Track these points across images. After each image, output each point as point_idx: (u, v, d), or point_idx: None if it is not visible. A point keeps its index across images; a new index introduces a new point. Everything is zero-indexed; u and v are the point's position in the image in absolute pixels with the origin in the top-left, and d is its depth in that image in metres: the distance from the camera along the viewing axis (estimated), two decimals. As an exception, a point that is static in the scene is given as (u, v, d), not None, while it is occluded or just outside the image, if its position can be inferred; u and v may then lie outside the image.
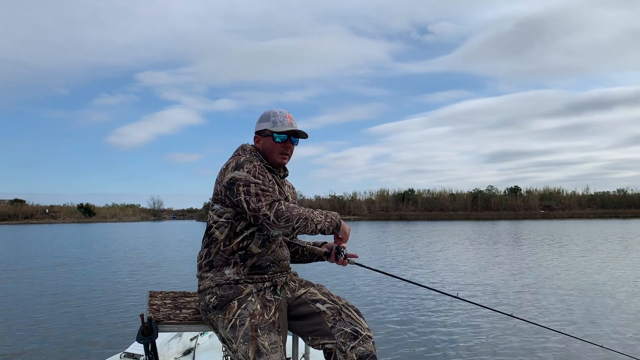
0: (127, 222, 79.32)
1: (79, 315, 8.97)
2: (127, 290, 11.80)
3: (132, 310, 9.11)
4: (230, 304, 2.30)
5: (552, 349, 6.28)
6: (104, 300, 10.49)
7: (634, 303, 9.21)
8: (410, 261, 17.00)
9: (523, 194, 76.82)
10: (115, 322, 8.28)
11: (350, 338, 2.30)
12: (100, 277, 14.24)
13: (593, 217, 65.75)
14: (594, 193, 76.03)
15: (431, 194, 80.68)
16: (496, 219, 64.28)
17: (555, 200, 75.03)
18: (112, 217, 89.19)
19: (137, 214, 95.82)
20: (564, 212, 70.10)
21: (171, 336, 4.01)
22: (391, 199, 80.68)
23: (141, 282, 13.16)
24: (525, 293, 10.37)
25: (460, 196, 78.29)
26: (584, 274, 12.99)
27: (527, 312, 8.13)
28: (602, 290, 10.54)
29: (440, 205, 76.94)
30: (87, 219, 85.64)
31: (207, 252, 2.41)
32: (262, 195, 2.24)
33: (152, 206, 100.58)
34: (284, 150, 2.48)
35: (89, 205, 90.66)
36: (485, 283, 11.43)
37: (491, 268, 14.67)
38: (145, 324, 2.37)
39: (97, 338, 7.30)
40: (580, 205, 73.54)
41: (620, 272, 13.24)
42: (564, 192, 77.31)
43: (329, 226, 2.33)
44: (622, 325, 7.52)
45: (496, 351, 6.23)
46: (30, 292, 11.80)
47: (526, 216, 68.46)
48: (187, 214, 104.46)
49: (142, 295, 10.49)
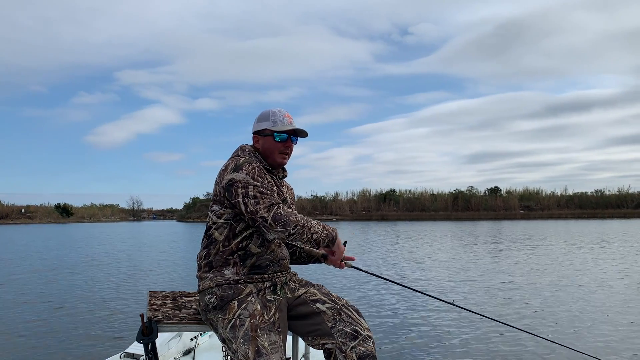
0: (105, 223, 78.15)
1: (79, 316, 8.91)
2: (126, 290, 11.72)
3: (132, 311, 9.07)
4: (230, 304, 2.29)
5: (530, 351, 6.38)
6: (103, 300, 10.43)
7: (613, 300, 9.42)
8: (394, 260, 17.09)
9: (503, 194, 77.72)
10: (115, 322, 8.24)
11: (350, 338, 2.30)
12: (97, 277, 14.07)
13: (572, 217, 66.92)
14: (572, 194, 77.38)
15: (412, 194, 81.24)
16: (477, 219, 65.03)
17: (535, 200, 76.08)
18: (91, 217, 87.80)
19: (116, 214, 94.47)
20: (543, 213, 71.13)
21: (171, 336, 4.00)
22: (373, 199, 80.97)
23: (141, 282, 13.08)
24: (518, 300, 10.47)
25: (441, 196, 78.93)
26: (563, 275, 13.21)
27: (537, 326, 7.79)
28: (579, 290, 10.74)
29: (421, 205, 77.48)
30: (65, 219, 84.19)
31: (207, 253, 2.41)
32: (260, 198, 2.24)
33: (131, 206, 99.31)
34: (284, 149, 2.47)
35: (67, 205, 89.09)
36: (476, 286, 11.52)
37: (479, 269, 14.82)
38: (145, 324, 2.36)
39: (97, 338, 7.26)
40: (559, 205, 74.67)
41: (598, 271, 13.50)
42: (543, 192, 78.57)
43: (325, 238, 2.32)
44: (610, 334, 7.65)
45: (486, 353, 6.28)
46: (29, 292, 11.68)
47: (506, 216, 69.32)
48: (167, 214, 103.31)
49: (142, 295, 10.40)
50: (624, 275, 12.67)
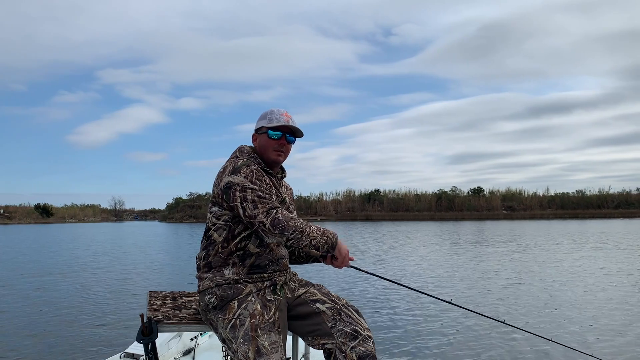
0: (87, 223, 77.16)
1: (79, 316, 8.89)
2: (126, 290, 11.67)
3: (132, 310, 9.06)
4: (230, 304, 2.29)
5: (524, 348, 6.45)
6: (103, 300, 10.41)
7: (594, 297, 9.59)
8: (391, 260, 17.17)
9: (486, 194, 78.49)
10: (115, 322, 8.23)
11: (350, 338, 2.30)
12: (96, 278, 13.97)
13: (553, 217, 67.84)
14: (554, 194, 78.39)
15: (396, 194, 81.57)
16: (460, 219, 65.58)
17: (517, 201, 76.93)
18: (72, 217, 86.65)
19: (97, 214, 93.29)
20: (525, 213, 71.98)
21: (171, 336, 4.00)
22: (357, 199, 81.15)
23: (141, 282, 13.01)
24: (512, 298, 10.59)
25: (425, 197, 79.41)
26: (544, 273, 13.40)
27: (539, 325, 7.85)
28: (560, 286, 10.91)
29: (405, 205, 77.86)
30: (45, 219, 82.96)
31: (206, 254, 2.40)
32: (258, 202, 2.24)
33: (113, 207, 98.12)
34: (278, 147, 2.46)
35: (47, 206, 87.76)
36: (473, 286, 11.63)
37: (473, 269, 14.95)
38: (145, 324, 2.35)
39: (97, 338, 7.26)
40: (541, 206, 75.63)
41: (579, 269, 13.74)
42: (525, 193, 79.43)
43: (324, 244, 2.31)
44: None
45: (484, 351, 6.33)
46: (27, 294, 11.57)
47: (489, 216, 69.98)
48: (150, 214, 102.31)
49: (142, 295, 10.34)
50: (611, 273, 12.92)
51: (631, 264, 14.98)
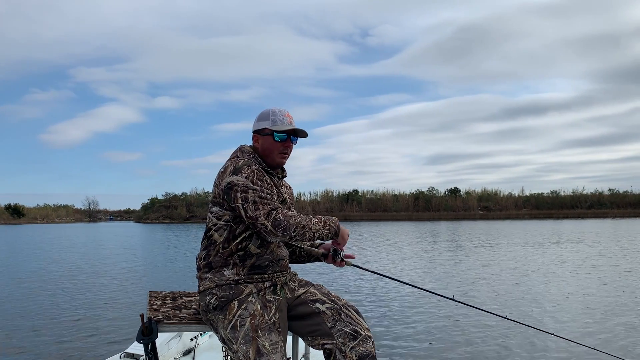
0: (59, 224, 75.73)
1: (79, 316, 8.84)
2: (125, 290, 11.63)
3: (132, 311, 9.02)
4: (230, 305, 2.28)
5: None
6: (103, 300, 10.37)
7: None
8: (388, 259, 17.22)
9: (462, 195, 79.56)
10: (115, 322, 8.21)
11: (350, 338, 2.30)
12: (95, 278, 13.85)
13: (529, 217, 69.14)
14: (529, 194, 79.90)
15: (374, 194, 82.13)
16: (437, 219, 66.28)
17: (493, 201, 78.14)
18: (44, 218, 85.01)
19: (70, 215, 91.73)
20: (501, 213, 73.17)
21: (171, 336, 3.99)
22: (336, 199, 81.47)
23: (140, 282, 12.95)
24: (517, 294, 10.73)
25: (403, 197, 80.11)
26: (520, 271, 13.63)
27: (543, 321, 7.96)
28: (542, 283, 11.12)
29: (383, 205, 78.43)
30: (16, 220, 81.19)
31: (206, 254, 2.39)
32: (260, 203, 2.23)
33: (87, 207, 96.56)
34: (283, 149, 2.46)
35: (18, 206, 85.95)
36: (473, 282, 11.77)
37: (471, 266, 15.10)
38: (145, 324, 2.33)
39: (97, 338, 7.24)
40: (516, 206, 76.95)
41: (555, 266, 14.02)
42: (500, 193, 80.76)
43: (327, 233, 2.33)
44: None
45: (489, 349, 6.38)
46: (27, 292, 11.53)
47: (465, 216, 70.93)
48: (124, 215, 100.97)
49: (142, 295, 10.28)
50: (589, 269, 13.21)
51: (601, 263, 15.35)
